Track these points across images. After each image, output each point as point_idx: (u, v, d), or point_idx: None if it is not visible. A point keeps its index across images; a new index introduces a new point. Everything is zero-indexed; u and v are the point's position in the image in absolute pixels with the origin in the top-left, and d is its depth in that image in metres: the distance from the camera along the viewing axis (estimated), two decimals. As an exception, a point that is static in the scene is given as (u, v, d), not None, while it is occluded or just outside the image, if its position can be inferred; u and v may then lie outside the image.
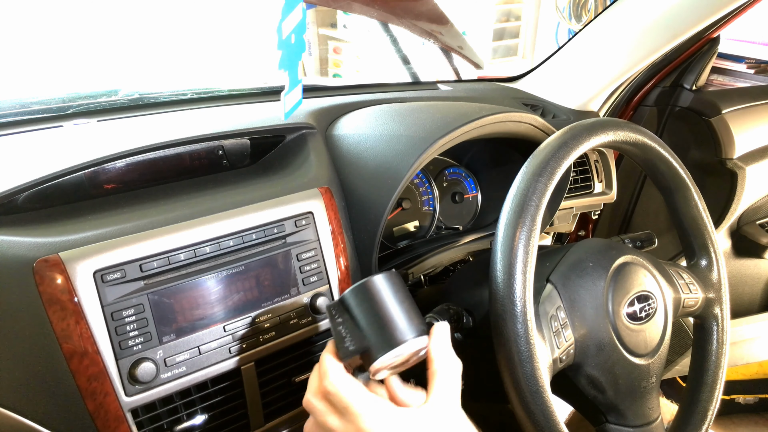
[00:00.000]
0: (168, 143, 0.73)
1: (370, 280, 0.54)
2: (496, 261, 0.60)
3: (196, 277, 0.64)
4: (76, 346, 0.57)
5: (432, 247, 0.93)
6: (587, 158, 1.16)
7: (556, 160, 0.62)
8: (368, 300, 0.53)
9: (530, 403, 0.58)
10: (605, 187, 1.18)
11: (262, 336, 0.68)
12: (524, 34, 4.28)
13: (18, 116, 0.83)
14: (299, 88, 0.69)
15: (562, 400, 0.73)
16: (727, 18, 1.11)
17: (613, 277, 0.68)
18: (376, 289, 0.54)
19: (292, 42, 0.65)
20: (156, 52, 1.50)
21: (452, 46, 1.27)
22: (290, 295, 0.71)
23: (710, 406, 0.75)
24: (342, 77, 3.38)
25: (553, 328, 0.64)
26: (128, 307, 0.60)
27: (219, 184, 0.77)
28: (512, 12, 4.21)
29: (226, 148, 0.82)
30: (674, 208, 0.78)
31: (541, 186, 0.60)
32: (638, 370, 0.68)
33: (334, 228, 0.75)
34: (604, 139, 0.67)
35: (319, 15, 3.35)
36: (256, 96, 1.04)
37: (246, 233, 0.68)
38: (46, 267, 0.56)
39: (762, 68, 1.53)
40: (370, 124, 0.86)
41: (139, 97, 0.94)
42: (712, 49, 1.27)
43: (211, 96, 1.00)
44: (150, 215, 0.65)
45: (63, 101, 0.88)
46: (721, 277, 0.78)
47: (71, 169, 0.66)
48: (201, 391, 0.66)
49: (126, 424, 0.60)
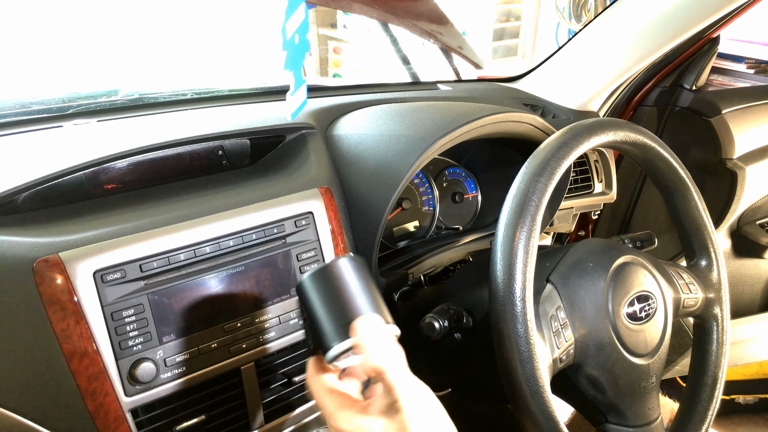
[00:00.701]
0: (168, 143, 0.73)
1: (302, 278, 0.52)
2: (496, 261, 0.60)
3: (196, 277, 0.64)
4: (76, 346, 0.57)
5: (432, 247, 0.93)
6: (587, 158, 1.16)
7: (556, 160, 0.62)
8: (304, 296, 0.52)
9: (530, 403, 0.58)
10: (605, 187, 1.18)
11: (262, 336, 0.68)
12: (524, 34, 4.28)
13: (18, 116, 0.83)
14: (304, 87, 0.69)
15: (562, 400, 0.73)
16: (727, 18, 1.11)
17: (613, 277, 0.68)
18: (309, 288, 0.52)
19: (296, 42, 0.65)
20: (156, 52, 1.50)
21: (452, 46, 1.28)
22: (290, 295, 0.71)
23: (710, 406, 0.75)
24: (342, 77, 3.38)
25: (553, 328, 0.64)
26: (128, 307, 0.60)
27: (219, 184, 0.77)
28: (512, 12, 4.21)
29: (226, 148, 0.82)
30: (674, 208, 0.78)
31: (541, 186, 0.61)
32: (638, 370, 0.68)
33: (334, 228, 0.74)
34: (604, 139, 0.67)
35: (319, 15, 3.35)
36: (256, 96, 1.04)
37: (246, 233, 0.68)
38: (46, 267, 0.56)
39: (762, 68, 1.53)
40: (370, 124, 0.86)
41: (139, 97, 0.94)
42: (712, 49, 1.27)
43: (211, 96, 1.00)
44: (150, 215, 0.65)
45: (63, 101, 0.88)
46: (721, 277, 0.78)
47: (71, 169, 0.66)
48: (201, 391, 0.66)
49: (126, 424, 0.60)
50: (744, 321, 1.41)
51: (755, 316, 1.43)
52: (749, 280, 1.46)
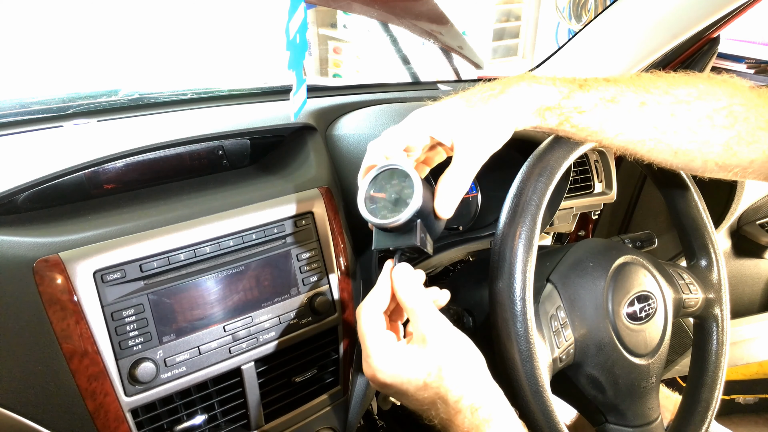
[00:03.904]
0: (168, 143, 0.73)
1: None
2: (496, 261, 0.60)
3: (196, 277, 0.64)
4: (76, 346, 0.57)
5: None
6: (587, 158, 1.15)
7: (556, 160, 0.62)
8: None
9: (530, 402, 0.58)
10: (605, 187, 1.18)
11: (262, 336, 0.68)
12: (524, 34, 4.28)
13: (18, 116, 0.83)
14: (304, 87, 0.70)
15: (562, 400, 0.73)
16: (727, 18, 1.11)
17: (613, 277, 0.68)
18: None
19: (297, 42, 0.65)
20: (156, 52, 1.50)
21: (452, 46, 1.27)
22: (290, 295, 0.71)
23: (710, 406, 0.75)
24: (342, 77, 3.38)
25: (553, 328, 0.64)
26: (128, 307, 0.60)
27: (219, 184, 0.77)
28: (512, 12, 4.21)
29: (226, 148, 0.82)
30: (674, 208, 0.78)
31: (541, 186, 0.61)
32: (638, 370, 0.68)
33: (334, 228, 0.74)
34: (604, 139, 0.67)
35: (319, 15, 3.35)
36: (256, 96, 1.04)
37: (246, 233, 0.68)
38: (46, 267, 0.56)
39: (762, 68, 1.53)
40: (370, 124, 0.86)
41: (139, 97, 0.94)
42: (712, 49, 1.26)
43: (211, 96, 1.00)
44: (150, 215, 0.65)
45: (63, 101, 0.88)
46: (721, 277, 0.78)
47: (71, 169, 0.66)
48: (201, 391, 0.66)
49: (126, 424, 0.60)
50: (744, 321, 1.41)
51: (755, 316, 1.43)
52: (749, 280, 1.46)
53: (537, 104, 0.59)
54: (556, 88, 0.59)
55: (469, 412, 0.51)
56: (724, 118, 0.59)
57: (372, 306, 0.55)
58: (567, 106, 0.59)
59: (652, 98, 0.59)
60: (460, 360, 0.53)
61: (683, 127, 0.60)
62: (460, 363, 0.53)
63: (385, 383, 0.53)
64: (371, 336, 0.54)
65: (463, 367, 0.53)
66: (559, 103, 0.59)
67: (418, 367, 0.52)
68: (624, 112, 0.59)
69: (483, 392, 0.53)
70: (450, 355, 0.52)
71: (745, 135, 0.59)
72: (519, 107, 0.58)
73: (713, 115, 0.59)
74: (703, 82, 0.61)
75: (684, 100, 0.59)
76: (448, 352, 0.52)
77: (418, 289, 0.55)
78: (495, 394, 0.54)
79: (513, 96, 0.58)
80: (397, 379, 0.52)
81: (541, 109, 0.59)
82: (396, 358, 0.53)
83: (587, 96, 0.59)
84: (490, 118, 0.58)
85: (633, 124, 0.60)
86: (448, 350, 0.53)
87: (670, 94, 0.60)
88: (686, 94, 0.60)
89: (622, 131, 0.60)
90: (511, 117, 0.58)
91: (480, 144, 0.57)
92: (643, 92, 0.60)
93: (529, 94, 0.59)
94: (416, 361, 0.52)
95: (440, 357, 0.52)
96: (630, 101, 0.59)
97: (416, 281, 0.56)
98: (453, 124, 0.58)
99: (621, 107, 0.59)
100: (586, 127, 0.60)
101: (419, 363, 0.52)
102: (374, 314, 0.55)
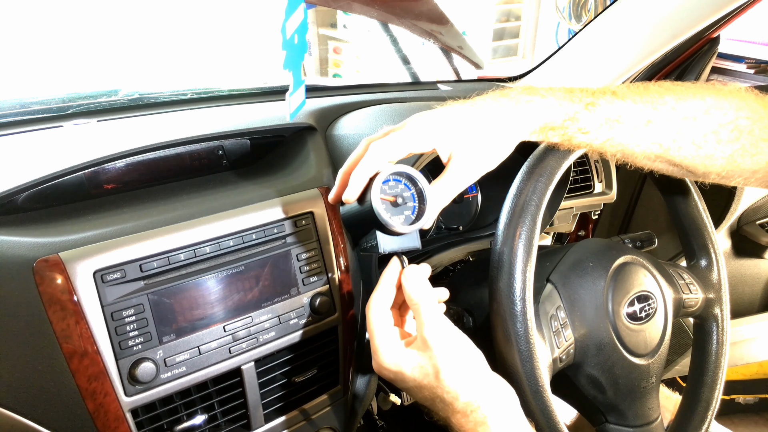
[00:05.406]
0: (168, 143, 0.73)
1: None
2: (496, 261, 0.60)
3: (196, 277, 0.64)
4: (76, 346, 0.57)
5: (432, 247, 0.93)
6: (587, 158, 1.16)
7: (556, 160, 0.62)
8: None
9: (530, 402, 0.58)
10: (605, 187, 1.18)
11: (262, 336, 0.68)
12: (524, 34, 4.28)
13: (18, 116, 0.83)
14: (302, 88, 0.69)
15: (562, 400, 0.73)
16: (727, 18, 1.11)
17: (613, 277, 0.68)
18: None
19: (295, 42, 0.65)
20: (156, 52, 1.50)
21: (452, 46, 1.27)
22: (290, 295, 0.71)
23: (710, 406, 0.75)
24: (342, 77, 3.38)
25: (553, 328, 0.64)
26: (128, 307, 0.60)
27: (219, 184, 0.77)
28: (512, 12, 4.21)
29: (226, 148, 0.82)
30: (674, 208, 0.78)
31: (541, 186, 0.61)
32: (638, 370, 0.68)
33: (334, 228, 0.74)
34: (604, 139, 0.67)
35: (319, 15, 3.35)
36: (256, 96, 1.04)
37: (246, 233, 0.68)
38: (46, 267, 0.56)
39: (762, 68, 1.53)
40: (370, 124, 0.86)
41: (139, 97, 0.94)
42: (712, 49, 1.26)
43: (211, 96, 1.00)
44: (150, 215, 0.65)
45: (63, 101, 0.88)
46: (721, 277, 0.78)
47: (71, 169, 0.66)
48: (201, 391, 0.66)
49: (126, 424, 0.60)
50: (744, 321, 1.41)
51: (755, 316, 1.43)
52: (749, 280, 1.46)
53: (541, 123, 0.59)
54: (562, 109, 0.59)
55: (466, 413, 0.53)
56: (730, 133, 0.58)
57: (380, 303, 0.58)
58: (571, 127, 0.59)
59: (658, 116, 0.59)
60: (458, 362, 0.54)
61: (688, 143, 0.59)
62: (457, 366, 0.54)
63: (390, 378, 0.58)
64: (379, 333, 0.57)
65: (460, 369, 0.54)
66: (563, 124, 0.59)
67: (417, 370, 0.55)
68: (629, 131, 0.59)
69: (481, 393, 0.53)
70: (448, 358, 0.54)
71: (749, 147, 0.58)
72: (523, 126, 0.59)
73: (719, 130, 0.59)
74: (711, 94, 0.60)
75: (691, 116, 0.59)
76: (446, 355, 0.54)
77: (425, 289, 0.57)
78: (495, 394, 0.54)
79: (520, 114, 0.58)
80: (399, 376, 0.56)
81: (544, 128, 0.59)
82: (398, 358, 0.56)
83: (592, 116, 0.59)
84: (493, 136, 0.58)
85: (637, 142, 0.60)
86: (447, 354, 0.54)
87: (677, 110, 0.59)
88: (693, 109, 0.59)
89: (625, 148, 0.61)
90: (514, 136, 0.59)
91: (475, 164, 0.58)
92: (650, 109, 0.59)
93: (534, 112, 0.59)
94: (415, 364, 0.55)
95: (437, 360, 0.54)
96: (636, 120, 0.59)
97: (424, 280, 0.58)
98: (454, 138, 0.58)
99: (626, 127, 0.59)
100: (589, 143, 0.61)
101: (417, 365, 0.55)
102: (383, 311, 0.58)
